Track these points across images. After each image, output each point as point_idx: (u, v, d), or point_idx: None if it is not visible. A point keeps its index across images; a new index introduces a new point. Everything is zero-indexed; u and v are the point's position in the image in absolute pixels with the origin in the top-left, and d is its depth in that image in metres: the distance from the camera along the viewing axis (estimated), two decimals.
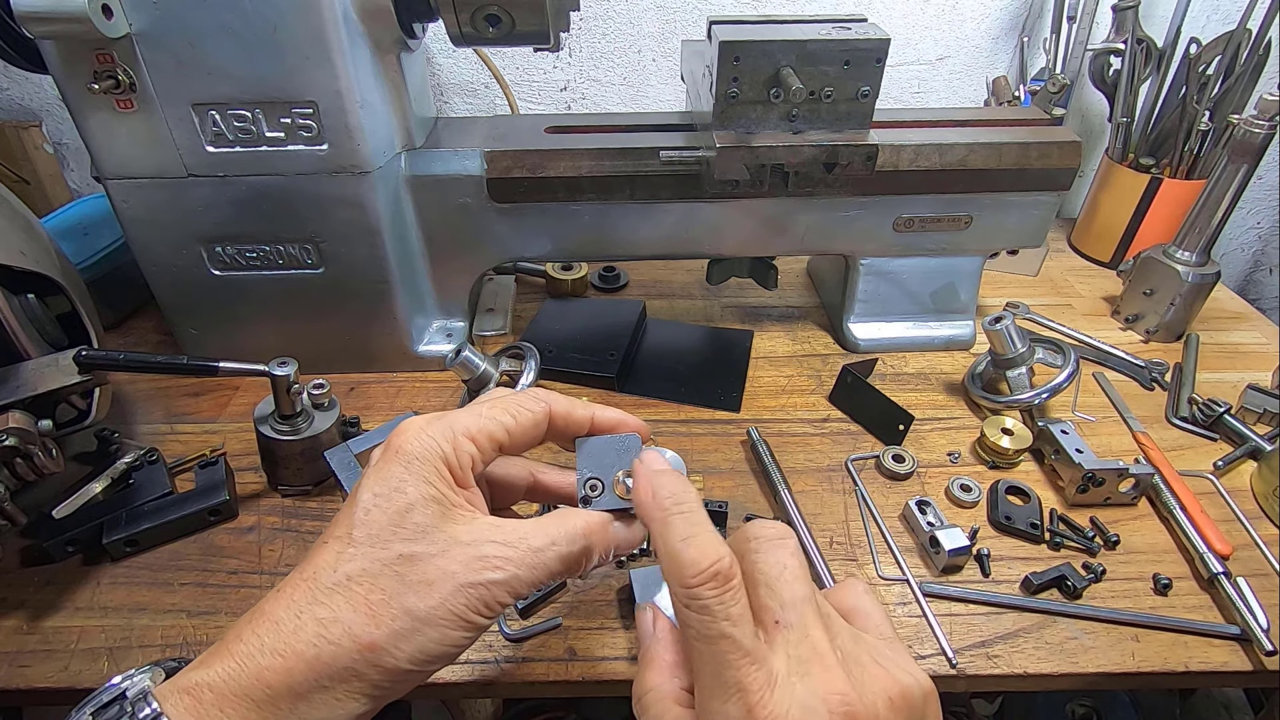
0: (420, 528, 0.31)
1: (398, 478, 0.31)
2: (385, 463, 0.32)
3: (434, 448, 0.32)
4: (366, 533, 0.30)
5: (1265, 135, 0.67)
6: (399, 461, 0.32)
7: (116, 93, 0.54)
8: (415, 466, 0.32)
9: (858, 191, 0.68)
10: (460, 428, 0.33)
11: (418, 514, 0.31)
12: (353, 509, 0.31)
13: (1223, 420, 0.66)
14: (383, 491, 0.31)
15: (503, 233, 0.68)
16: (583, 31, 0.94)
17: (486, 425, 0.33)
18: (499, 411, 0.34)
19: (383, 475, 0.32)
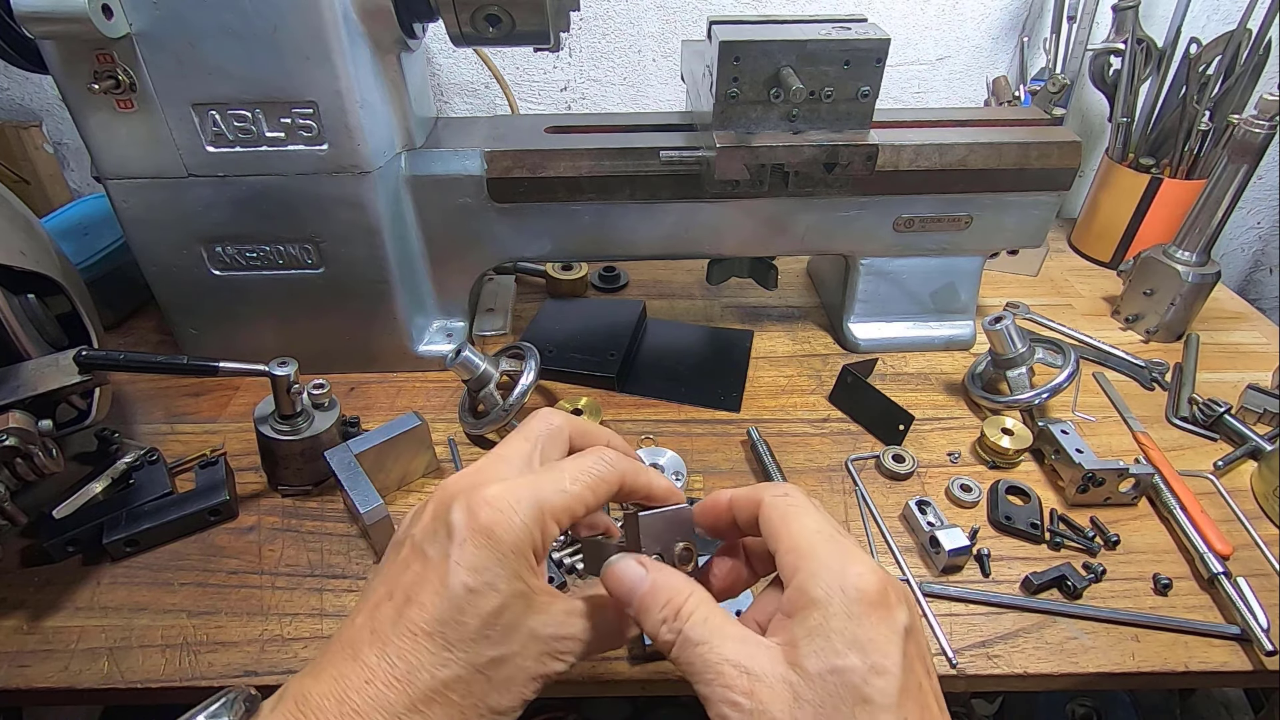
0: (508, 627, 0.30)
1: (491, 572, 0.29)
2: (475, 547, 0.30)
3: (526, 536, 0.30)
4: (460, 636, 0.29)
5: (1265, 135, 0.67)
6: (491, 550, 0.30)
7: (116, 93, 0.54)
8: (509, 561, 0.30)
9: (858, 191, 0.68)
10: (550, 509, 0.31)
11: (508, 613, 0.30)
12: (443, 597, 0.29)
13: (1223, 420, 0.66)
14: (477, 588, 0.29)
15: (503, 233, 0.68)
16: (583, 31, 0.94)
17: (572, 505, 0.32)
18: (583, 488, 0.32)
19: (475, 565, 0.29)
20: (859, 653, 0.28)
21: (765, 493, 0.34)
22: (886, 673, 0.28)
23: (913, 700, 0.28)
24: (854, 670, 0.28)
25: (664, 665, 0.48)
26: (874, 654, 0.28)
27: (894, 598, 0.30)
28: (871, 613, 0.29)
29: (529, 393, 0.62)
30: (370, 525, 0.50)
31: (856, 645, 0.28)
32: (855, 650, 0.28)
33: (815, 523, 0.32)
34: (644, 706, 0.90)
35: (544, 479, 0.32)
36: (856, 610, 0.29)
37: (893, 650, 0.28)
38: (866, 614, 0.29)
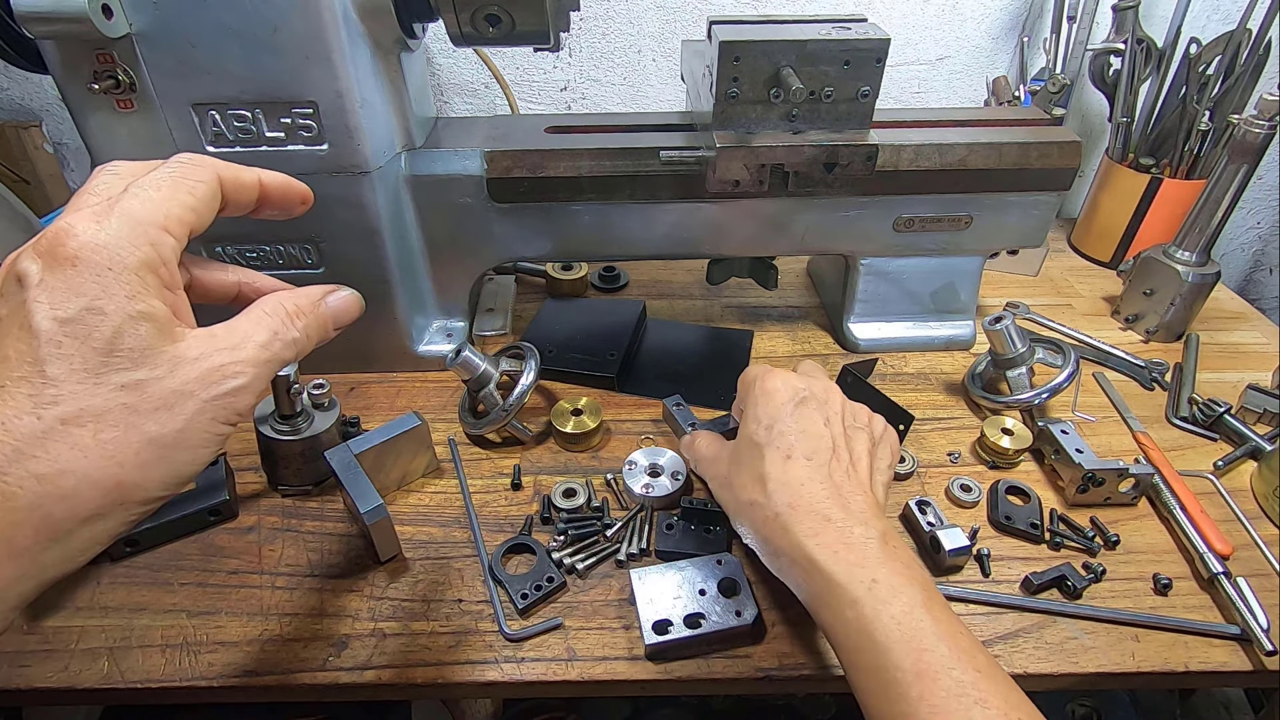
0: (138, 352, 0.27)
1: (92, 297, 0.26)
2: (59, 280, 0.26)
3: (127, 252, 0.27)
4: (68, 368, 0.25)
5: (1265, 135, 0.67)
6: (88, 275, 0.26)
7: (116, 93, 0.54)
8: (114, 281, 0.26)
9: (858, 191, 0.68)
10: (149, 217, 0.27)
11: (130, 337, 0.26)
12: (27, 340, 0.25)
13: (1223, 420, 0.66)
14: (73, 316, 0.25)
15: (503, 233, 0.68)
16: (583, 31, 0.94)
17: (168, 208, 0.28)
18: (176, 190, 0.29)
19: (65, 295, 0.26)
20: (755, 422, 0.48)
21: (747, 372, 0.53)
22: (769, 426, 0.47)
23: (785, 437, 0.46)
24: (754, 433, 0.47)
25: (664, 665, 0.48)
26: (764, 419, 0.47)
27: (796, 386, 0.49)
28: (765, 396, 0.48)
29: (529, 393, 0.62)
30: (370, 525, 0.50)
31: (755, 419, 0.48)
32: (754, 422, 0.48)
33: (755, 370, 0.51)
34: (644, 706, 0.90)
35: (122, 197, 0.28)
36: (756, 397, 0.49)
37: (778, 413, 0.47)
38: (762, 398, 0.48)
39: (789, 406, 0.47)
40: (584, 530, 0.55)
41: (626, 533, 0.56)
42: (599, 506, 0.58)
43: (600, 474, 0.61)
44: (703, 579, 0.50)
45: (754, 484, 0.46)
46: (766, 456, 0.46)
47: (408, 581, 0.53)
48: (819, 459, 0.45)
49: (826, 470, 0.44)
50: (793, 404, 0.47)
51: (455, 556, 0.55)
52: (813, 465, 0.45)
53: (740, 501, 0.47)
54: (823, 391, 0.49)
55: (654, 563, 0.54)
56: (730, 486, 0.48)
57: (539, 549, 0.54)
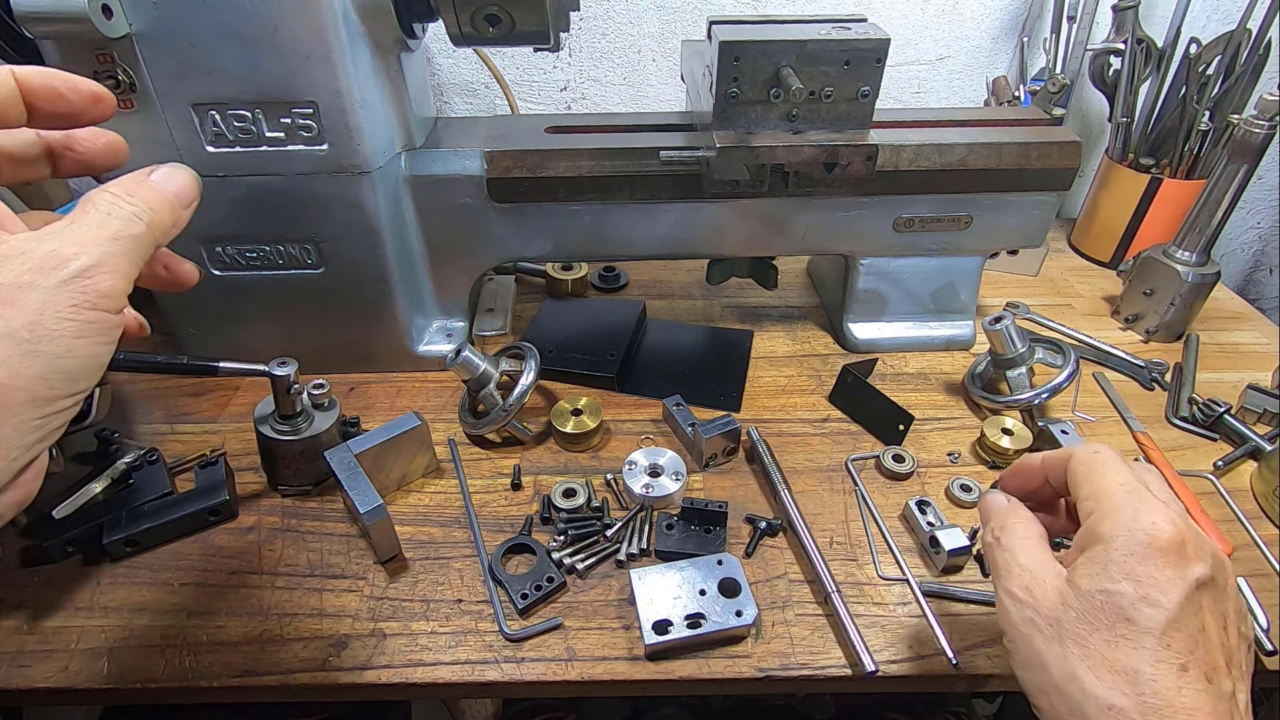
0: None
1: None
2: None
3: None
4: None
5: (1265, 135, 0.67)
6: None
7: (116, 93, 0.54)
8: None
9: (858, 191, 0.68)
10: None
11: None
12: None
13: (1223, 420, 0.66)
14: None
15: (503, 233, 0.68)
16: (583, 31, 0.94)
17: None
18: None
19: None
20: (1133, 583, 0.31)
21: (1077, 448, 0.38)
22: (1158, 605, 0.30)
23: (1186, 637, 0.30)
24: (1123, 595, 0.31)
25: (664, 665, 0.48)
26: (1149, 588, 0.31)
27: (1191, 551, 0.31)
28: (1157, 556, 0.31)
29: (529, 393, 0.62)
30: (370, 525, 0.50)
31: (1132, 577, 0.31)
32: (1130, 580, 0.31)
33: (1120, 475, 0.35)
34: (644, 706, 0.90)
35: None
36: (1140, 550, 0.31)
37: (1173, 591, 0.30)
38: (1151, 555, 0.31)
39: (1187, 586, 0.31)
40: (584, 530, 0.55)
41: (626, 533, 0.56)
42: (599, 506, 0.58)
43: (600, 474, 0.61)
44: (703, 579, 0.50)
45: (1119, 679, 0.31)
46: (1146, 648, 0.31)
47: (408, 581, 0.53)
48: (1220, 683, 0.31)
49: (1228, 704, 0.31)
50: (1192, 585, 0.31)
51: (455, 556, 0.55)
52: (1211, 692, 0.31)
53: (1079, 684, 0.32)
54: (1224, 574, 0.33)
55: (654, 563, 0.54)
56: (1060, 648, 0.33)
57: (539, 549, 0.54)
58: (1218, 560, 0.33)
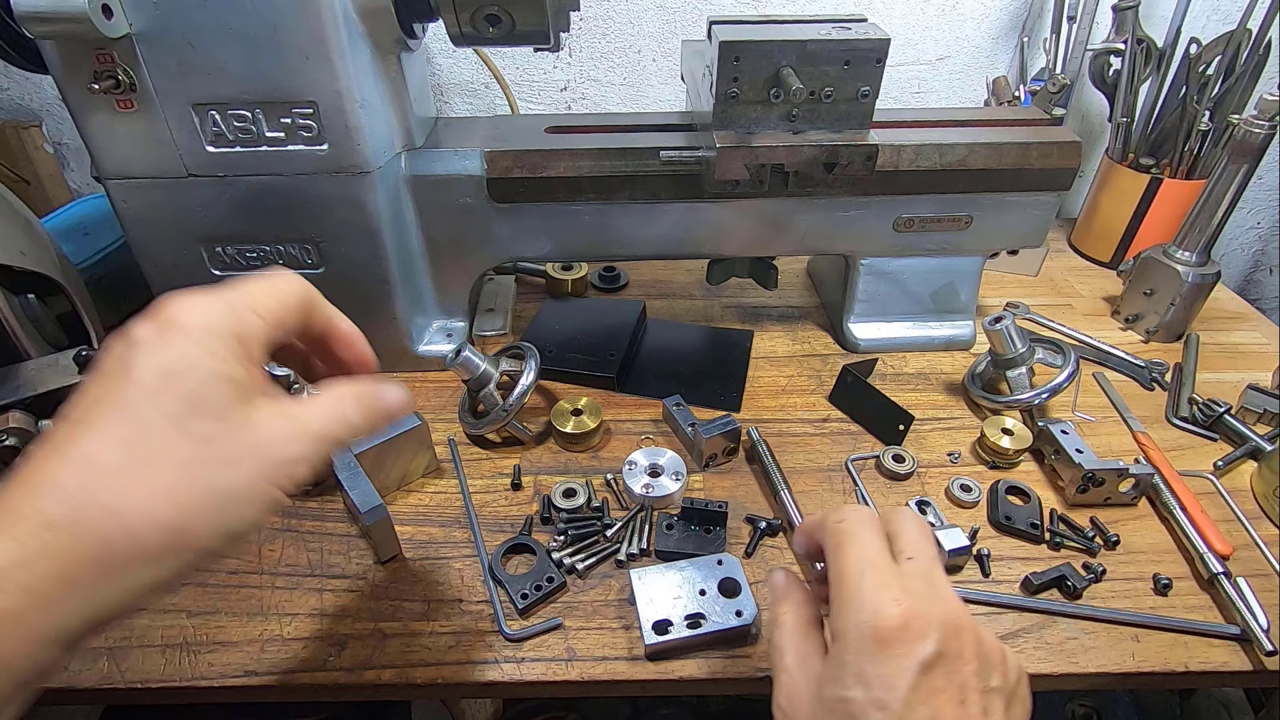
0: (217, 407, 0.29)
1: (183, 352, 0.29)
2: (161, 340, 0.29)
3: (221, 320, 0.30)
4: (156, 413, 0.28)
5: (1265, 135, 0.67)
6: (182, 336, 0.29)
7: (116, 93, 0.54)
8: (205, 340, 0.29)
9: (858, 191, 0.68)
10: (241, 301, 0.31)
11: (212, 393, 0.29)
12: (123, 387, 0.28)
13: (1223, 420, 0.66)
14: (171, 370, 0.28)
15: (503, 233, 0.68)
16: (583, 31, 0.94)
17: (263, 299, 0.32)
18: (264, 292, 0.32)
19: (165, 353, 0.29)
20: (862, 686, 0.30)
21: (827, 518, 0.36)
22: (885, 707, 0.29)
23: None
24: (855, 701, 0.30)
25: (664, 665, 0.48)
26: (877, 688, 0.30)
27: (916, 631, 0.30)
28: (881, 648, 0.30)
29: (529, 393, 0.62)
30: (370, 525, 0.50)
31: (861, 680, 0.30)
32: (859, 684, 0.30)
33: (857, 551, 0.34)
34: (644, 706, 0.90)
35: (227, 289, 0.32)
36: (866, 645, 0.31)
37: (899, 685, 0.30)
38: (875, 649, 0.30)
39: (912, 674, 0.30)
40: (584, 530, 0.55)
41: (626, 533, 0.56)
42: (599, 506, 0.58)
43: (600, 474, 0.61)
44: (703, 579, 0.50)
45: None
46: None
47: (408, 581, 0.53)
48: None
49: None
50: (918, 669, 0.30)
51: (455, 556, 0.55)
52: None
53: None
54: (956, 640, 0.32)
55: (654, 563, 0.54)
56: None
57: (539, 549, 0.54)
58: (947, 627, 0.31)
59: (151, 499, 0.27)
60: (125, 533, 0.27)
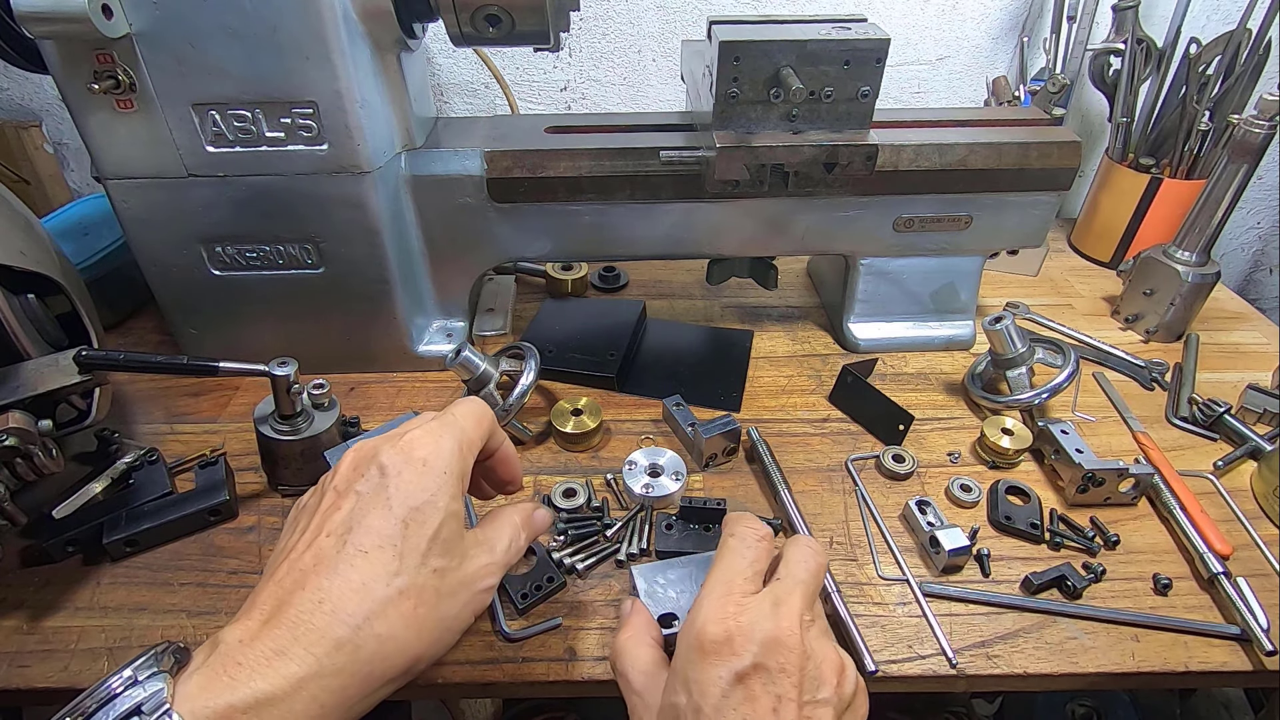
0: (450, 541, 0.34)
1: (432, 492, 0.34)
2: (414, 474, 0.34)
3: (456, 465, 0.35)
4: (410, 548, 0.33)
5: (1265, 135, 0.67)
6: (430, 475, 0.34)
7: (116, 93, 0.54)
8: (445, 482, 0.34)
9: (858, 191, 0.68)
10: (464, 440, 0.36)
11: (446, 530, 0.34)
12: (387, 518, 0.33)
13: (1223, 420, 0.66)
14: (421, 505, 0.33)
15: (503, 233, 0.68)
16: (583, 31, 0.94)
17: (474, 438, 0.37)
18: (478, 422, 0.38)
19: (414, 487, 0.34)
20: (686, 692, 0.33)
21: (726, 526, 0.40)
22: (700, 711, 0.32)
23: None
24: (680, 706, 0.33)
25: None
26: (696, 694, 0.33)
27: (738, 644, 0.33)
28: (703, 659, 0.33)
29: (529, 393, 0.62)
30: None
31: (686, 686, 0.33)
32: (684, 690, 0.33)
33: (725, 570, 0.37)
34: None
35: (449, 421, 0.37)
36: (692, 655, 0.34)
37: (712, 691, 0.32)
38: (699, 659, 0.33)
39: (725, 682, 0.32)
40: (584, 530, 0.55)
41: (626, 533, 0.56)
42: (599, 506, 0.58)
43: (600, 474, 0.61)
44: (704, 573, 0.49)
45: None
46: None
47: None
48: None
49: None
50: (731, 678, 0.33)
51: None
52: None
53: None
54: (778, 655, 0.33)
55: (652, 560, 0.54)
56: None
57: (539, 549, 0.54)
58: (770, 643, 0.33)
59: (406, 630, 0.32)
60: (385, 657, 0.31)
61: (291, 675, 0.29)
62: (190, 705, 0.28)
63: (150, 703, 0.28)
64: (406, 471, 0.34)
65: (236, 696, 0.28)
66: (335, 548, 0.32)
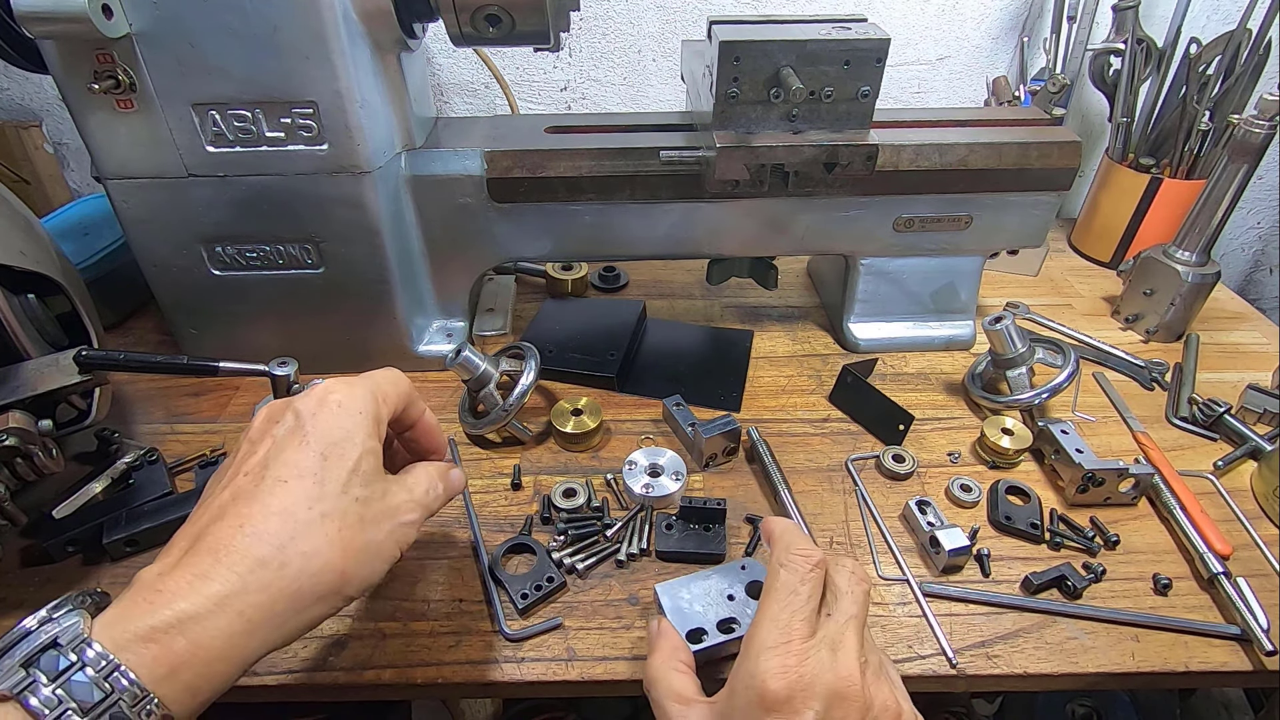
0: (367, 475, 0.36)
1: (348, 429, 0.36)
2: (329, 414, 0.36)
3: (371, 405, 0.38)
4: (331, 477, 0.34)
5: (1265, 135, 0.67)
6: (345, 413, 0.36)
7: (116, 93, 0.54)
8: (361, 422, 0.36)
9: (858, 191, 0.68)
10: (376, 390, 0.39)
11: (365, 464, 0.36)
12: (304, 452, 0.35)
13: (1223, 420, 0.66)
14: (337, 441, 0.35)
15: (503, 233, 0.68)
16: (583, 31, 0.94)
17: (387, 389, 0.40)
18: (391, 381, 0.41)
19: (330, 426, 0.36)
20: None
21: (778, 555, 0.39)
22: None
23: None
24: None
25: None
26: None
27: (799, 701, 0.32)
28: (765, 715, 0.33)
29: (529, 393, 0.62)
30: None
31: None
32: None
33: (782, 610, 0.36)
34: (644, 706, 0.89)
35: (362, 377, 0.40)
36: (753, 711, 0.33)
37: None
38: (760, 714, 0.33)
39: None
40: (584, 530, 0.55)
41: (626, 533, 0.56)
42: (599, 506, 0.58)
43: (600, 474, 0.61)
44: (728, 585, 0.48)
45: None
46: None
47: (408, 581, 0.53)
48: None
49: None
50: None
51: (455, 556, 0.55)
52: None
53: None
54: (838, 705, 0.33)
55: (662, 567, 0.54)
56: None
57: (539, 549, 0.54)
58: (831, 697, 0.33)
59: (329, 548, 0.33)
60: (312, 574, 0.33)
61: (213, 594, 0.30)
62: (109, 633, 0.29)
63: (66, 634, 0.28)
64: (321, 413, 0.36)
65: (157, 619, 0.29)
66: (253, 483, 0.34)
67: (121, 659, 0.28)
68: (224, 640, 0.30)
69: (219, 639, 0.30)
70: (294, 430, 0.35)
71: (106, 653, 0.28)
